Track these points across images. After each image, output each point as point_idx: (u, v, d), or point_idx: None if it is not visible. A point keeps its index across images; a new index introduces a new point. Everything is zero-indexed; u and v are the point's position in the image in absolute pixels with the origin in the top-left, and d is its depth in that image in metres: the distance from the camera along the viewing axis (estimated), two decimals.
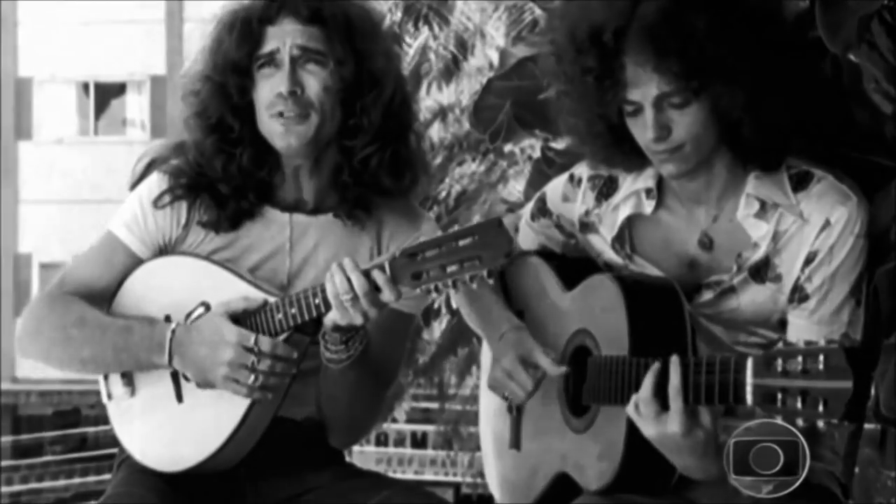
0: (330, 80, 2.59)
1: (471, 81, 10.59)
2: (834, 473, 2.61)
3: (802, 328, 2.50)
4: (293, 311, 2.50)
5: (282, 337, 2.52)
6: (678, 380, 2.32)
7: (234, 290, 2.58)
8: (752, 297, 2.56)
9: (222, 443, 2.56)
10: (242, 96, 2.61)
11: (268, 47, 2.60)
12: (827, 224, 2.48)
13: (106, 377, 2.70)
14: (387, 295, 2.40)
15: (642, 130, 2.49)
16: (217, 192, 2.64)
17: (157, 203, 2.66)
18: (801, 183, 2.52)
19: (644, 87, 2.45)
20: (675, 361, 2.33)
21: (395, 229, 2.69)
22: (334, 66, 2.60)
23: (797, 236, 2.51)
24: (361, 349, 2.52)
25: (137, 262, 2.67)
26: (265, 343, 2.49)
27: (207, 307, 2.60)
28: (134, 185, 2.74)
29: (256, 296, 2.56)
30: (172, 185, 2.66)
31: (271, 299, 2.54)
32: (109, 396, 2.70)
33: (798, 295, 2.52)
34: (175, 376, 2.61)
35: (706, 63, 2.40)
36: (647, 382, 2.35)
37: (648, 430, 2.37)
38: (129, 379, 2.67)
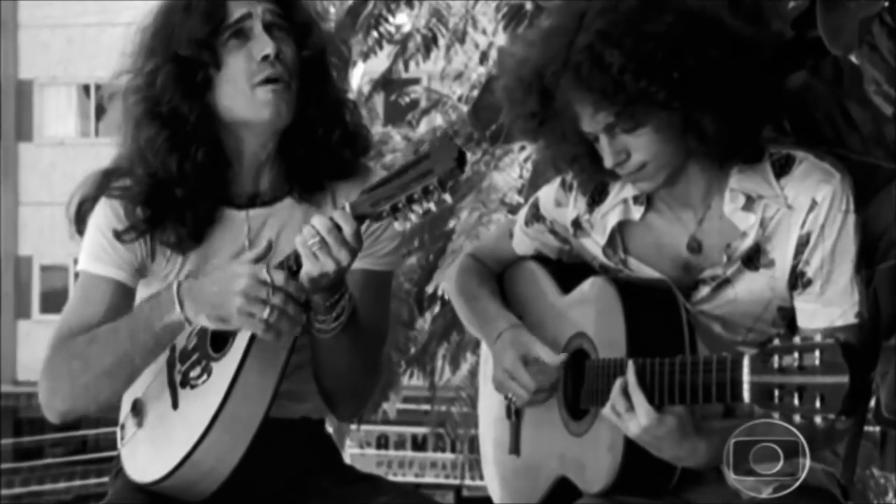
0: (296, 46, 2.58)
1: (468, 73, 10.58)
2: (834, 475, 2.61)
3: (813, 312, 2.51)
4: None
5: None
6: (633, 378, 2.38)
7: None
8: (749, 286, 2.56)
9: (199, 436, 2.49)
10: (205, 77, 2.56)
11: (236, 14, 2.55)
12: (814, 204, 2.48)
13: (122, 427, 2.67)
14: (347, 230, 2.36)
15: (603, 155, 2.51)
16: (174, 204, 2.58)
17: (120, 238, 2.60)
18: (783, 168, 2.52)
19: (590, 120, 2.48)
20: (629, 363, 2.39)
21: (351, 195, 2.54)
22: (297, 35, 2.58)
23: (785, 219, 2.51)
24: (349, 314, 2.50)
25: (120, 287, 2.61)
26: (278, 276, 2.42)
27: None
28: (78, 228, 2.67)
29: None
30: (134, 222, 2.59)
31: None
32: (122, 439, 2.66)
33: (801, 280, 2.52)
34: (172, 384, 2.59)
35: (628, 95, 2.41)
36: (615, 385, 2.40)
37: (627, 430, 2.41)
38: (137, 409, 2.64)
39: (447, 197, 2.31)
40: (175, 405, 2.58)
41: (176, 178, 2.57)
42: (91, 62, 23.99)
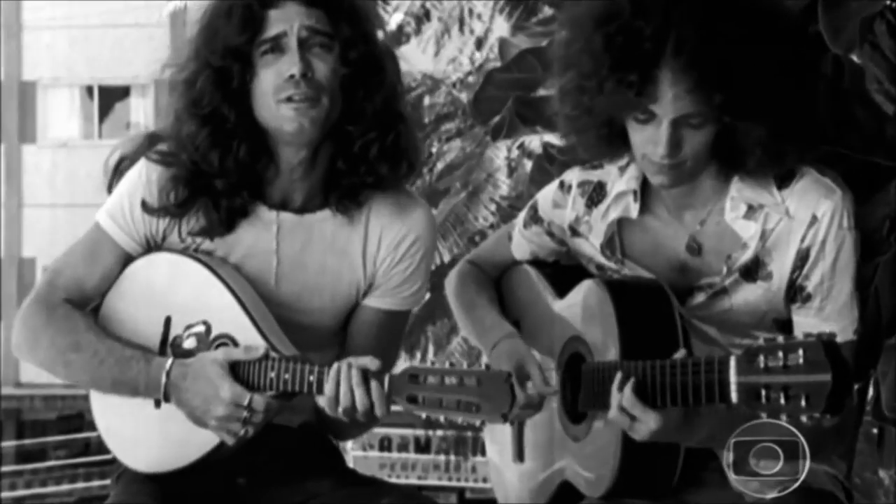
0: (336, 63, 2.55)
1: (465, 57, 10.60)
2: (837, 477, 2.60)
3: (812, 327, 2.48)
4: (286, 376, 2.47)
5: (270, 395, 2.49)
6: (630, 394, 2.36)
7: (235, 325, 2.55)
8: (745, 298, 2.55)
9: (210, 449, 2.55)
10: (241, 84, 2.55)
11: (273, 31, 2.54)
12: (814, 220, 2.48)
13: None
14: (378, 409, 2.40)
15: (648, 142, 2.46)
16: (212, 191, 2.58)
17: (148, 211, 2.61)
18: (784, 180, 2.50)
19: (670, 105, 2.41)
20: (618, 375, 2.38)
21: (385, 224, 2.64)
22: (340, 49, 2.55)
23: (785, 233, 2.50)
24: None
25: (125, 256, 2.63)
26: (259, 403, 2.47)
27: (208, 328, 2.58)
28: (110, 185, 2.68)
29: (256, 343, 2.52)
30: (167, 205, 2.60)
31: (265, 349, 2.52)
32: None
33: (800, 295, 2.51)
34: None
35: (746, 98, 2.38)
36: (613, 402, 2.38)
37: (637, 436, 2.39)
38: None
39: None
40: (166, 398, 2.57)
41: (217, 171, 2.57)
42: (94, 64, 24.04)
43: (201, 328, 2.58)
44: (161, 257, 2.63)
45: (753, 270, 2.53)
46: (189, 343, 2.59)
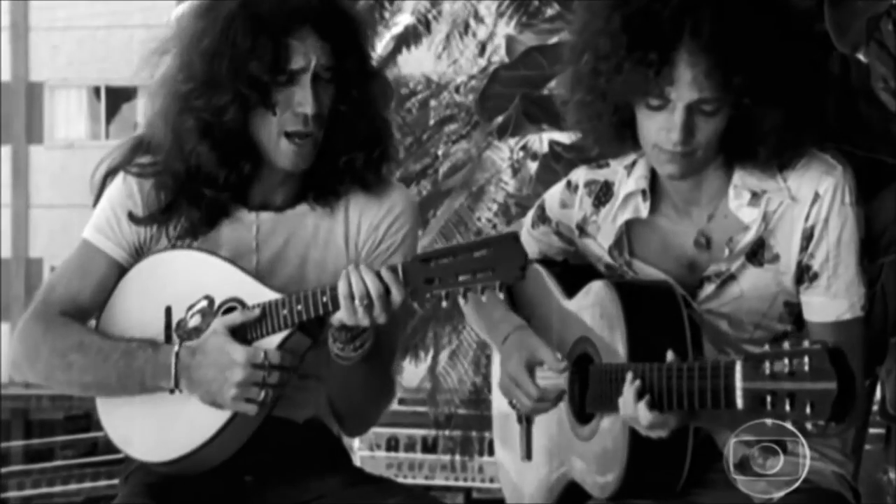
0: (336, 95, 2.57)
1: (465, 60, 10.61)
2: (845, 477, 2.60)
3: (821, 306, 2.51)
4: (299, 307, 2.47)
5: (285, 333, 2.49)
6: (632, 398, 2.36)
7: (239, 284, 2.56)
8: (754, 282, 2.55)
9: (217, 430, 2.53)
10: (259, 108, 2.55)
11: (294, 65, 2.52)
12: (817, 197, 2.48)
13: None
14: (396, 296, 2.39)
15: (661, 129, 2.45)
16: (195, 193, 2.59)
17: (134, 220, 2.62)
18: (786, 163, 2.50)
19: (686, 88, 2.40)
20: (629, 377, 2.38)
21: (363, 208, 2.66)
22: (341, 83, 2.56)
23: (788, 213, 2.51)
24: (371, 345, 2.50)
25: (116, 266, 2.64)
26: (274, 356, 2.47)
27: (211, 301, 2.59)
28: (97, 198, 2.68)
29: (257, 293, 2.53)
30: (153, 212, 2.62)
31: (274, 295, 2.51)
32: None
33: (807, 274, 2.51)
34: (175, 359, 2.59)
35: (766, 83, 2.38)
36: (620, 405, 2.39)
37: (651, 435, 2.39)
38: None
39: (500, 295, 2.37)
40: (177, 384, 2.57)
41: (221, 187, 2.59)
42: (101, 64, 24.03)
43: (204, 303, 2.59)
44: (148, 261, 2.64)
45: (759, 253, 2.53)
46: (194, 321, 2.59)
